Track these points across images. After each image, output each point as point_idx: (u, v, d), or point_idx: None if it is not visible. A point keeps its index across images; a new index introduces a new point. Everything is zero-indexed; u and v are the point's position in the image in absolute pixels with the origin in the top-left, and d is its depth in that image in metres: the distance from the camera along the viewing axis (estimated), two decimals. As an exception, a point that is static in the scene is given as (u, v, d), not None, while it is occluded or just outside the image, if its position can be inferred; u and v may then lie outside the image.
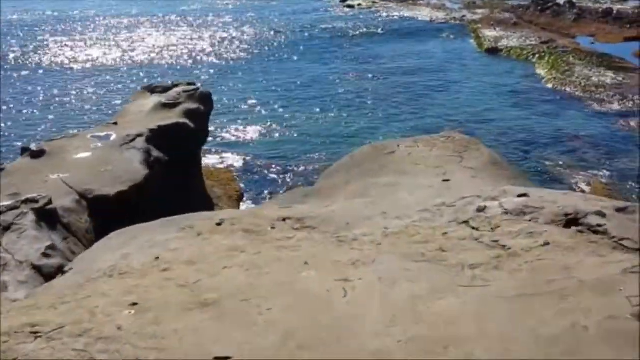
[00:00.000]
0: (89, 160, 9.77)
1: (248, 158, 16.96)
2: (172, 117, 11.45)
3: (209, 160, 16.30)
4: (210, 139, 16.16)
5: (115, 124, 11.39)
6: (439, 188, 6.55)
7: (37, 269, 6.81)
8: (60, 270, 6.98)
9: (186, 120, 11.42)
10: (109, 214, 8.68)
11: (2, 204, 7.69)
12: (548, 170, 16.44)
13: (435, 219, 4.48)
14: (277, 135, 18.92)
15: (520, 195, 4.55)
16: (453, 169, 7.34)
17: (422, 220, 4.47)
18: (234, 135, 18.79)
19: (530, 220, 4.17)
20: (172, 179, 10.58)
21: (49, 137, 11.70)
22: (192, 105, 11.89)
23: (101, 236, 8.45)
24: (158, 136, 10.74)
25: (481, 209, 4.45)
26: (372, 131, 18.95)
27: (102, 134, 10.74)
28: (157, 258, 4.29)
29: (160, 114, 11.67)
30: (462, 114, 20.30)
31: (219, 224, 4.72)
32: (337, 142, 18.17)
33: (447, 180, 6.81)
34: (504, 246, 3.75)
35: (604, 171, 16.18)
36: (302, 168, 16.54)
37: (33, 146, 10.51)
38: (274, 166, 16.65)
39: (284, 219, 4.73)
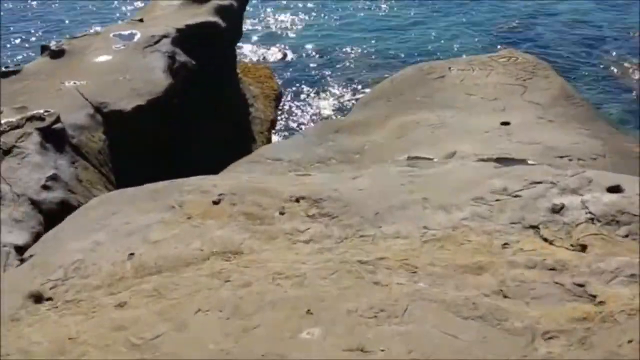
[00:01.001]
0: (109, 65, 8.56)
1: (288, 52, 15.47)
2: (202, 15, 10.02)
3: (246, 53, 14.91)
4: (249, 29, 14.72)
5: (141, 20, 10.08)
6: (496, 136, 5.23)
7: (35, 204, 5.88)
8: (62, 206, 6.09)
9: (217, 19, 9.99)
10: (126, 130, 7.67)
11: (4, 122, 6.69)
12: (613, 74, 14.54)
13: (492, 216, 3.23)
14: (320, 26, 17.22)
15: (611, 189, 3.26)
16: (514, 104, 5.91)
17: (474, 218, 3.23)
18: (274, 27, 17.10)
19: (627, 237, 2.93)
20: (202, 80, 9.41)
21: (71, 35, 10.54)
22: (224, 2, 10.40)
23: (115, 155, 7.54)
24: (186, 36, 9.41)
25: (557, 209, 3.18)
26: (422, 24, 17.14)
27: (125, 33, 9.48)
28: (132, 255, 3.25)
29: (189, 10, 10.24)
30: (520, 6, 18.12)
31: (216, 202, 3.61)
32: (384, 35, 16.49)
33: (507, 124, 5.47)
34: (593, 297, 2.53)
35: (679, 78, 14.22)
36: (346, 63, 15.08)
37: (53, 45, 9.37)
38: (316, 61, 15.19)
39: (297, 199, 3.57)
